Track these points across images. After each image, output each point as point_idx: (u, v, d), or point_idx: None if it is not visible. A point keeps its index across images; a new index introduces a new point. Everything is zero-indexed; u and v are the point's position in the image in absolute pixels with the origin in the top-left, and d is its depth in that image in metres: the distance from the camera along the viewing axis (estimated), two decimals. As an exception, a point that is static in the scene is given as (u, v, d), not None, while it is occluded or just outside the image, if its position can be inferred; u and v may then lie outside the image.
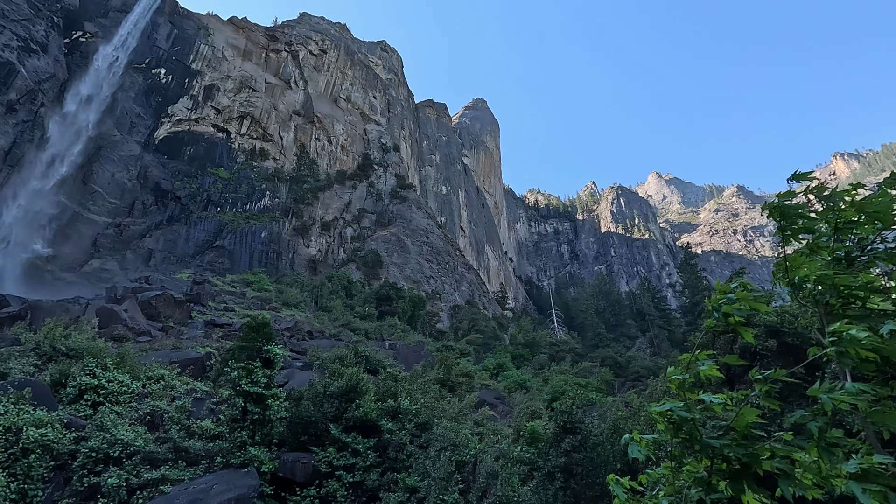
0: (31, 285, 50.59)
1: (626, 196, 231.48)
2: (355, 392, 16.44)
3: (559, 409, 12.52)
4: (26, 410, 12.90)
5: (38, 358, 18.87)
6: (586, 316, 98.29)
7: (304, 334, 39.76)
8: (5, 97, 57.69)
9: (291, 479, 14.19)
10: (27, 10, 62.83)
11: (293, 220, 79.44)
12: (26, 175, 58.39)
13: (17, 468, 11.44)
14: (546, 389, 33.79)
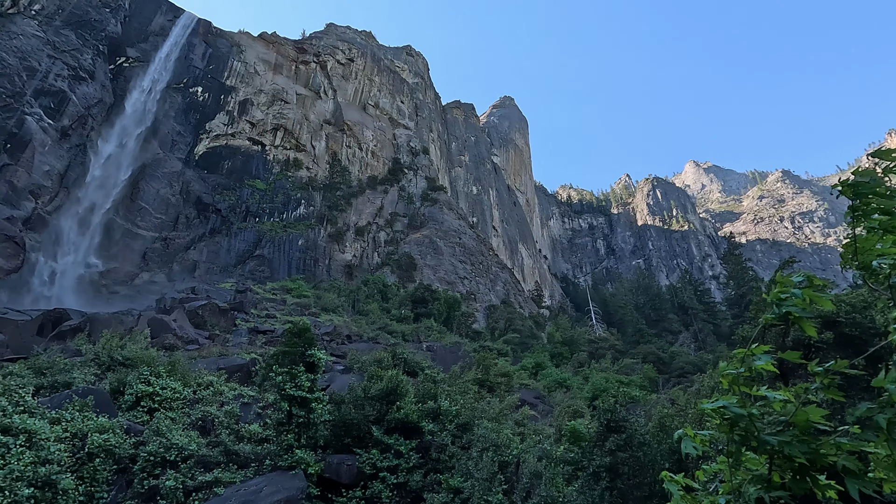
0: (89, 299, 53.60)
1: (663, 187, 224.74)
2: (395, 394, 16.61)
3: (602, 407, 12.28)
4: (90, 417, 13.68)
5: (97, 367, 19.96)
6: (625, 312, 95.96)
7: (342, 338, 40.47)
8: (59, 123, 61.45)
9: (337, 481, 14.47)
10: (75, 41, 66.76)
11: (328, 226, 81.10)
12: (81, 196, 61.97)
13: (84, 472, 12.14)
14: (587, 388, 33.21)
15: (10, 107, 57.12)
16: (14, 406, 12.50)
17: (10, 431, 11.31)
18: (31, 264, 52.97)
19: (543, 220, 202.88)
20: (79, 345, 23.31)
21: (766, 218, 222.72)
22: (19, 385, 13.82)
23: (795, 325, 1.99)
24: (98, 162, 65.00)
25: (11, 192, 54.79)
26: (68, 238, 59.46)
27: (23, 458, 10.64)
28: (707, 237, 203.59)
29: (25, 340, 28.16)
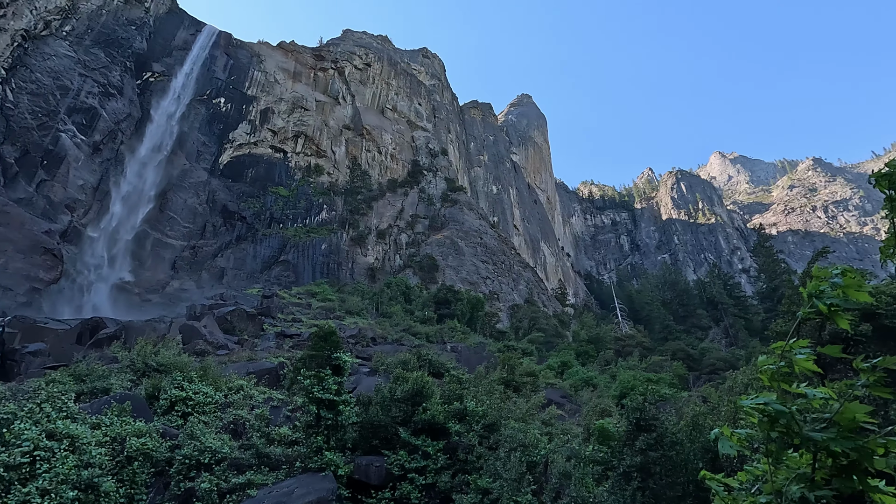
0: (123, 307, 55.40)
1: (687, 180, 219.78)
2: (421, 395, 16.67)
3: (630, 406, 12.08)
4: (128, 422, 14.13)
5: (133, 374, 20.62)
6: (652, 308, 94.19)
7: (367, 341, 40.85)
8: (91, 139, 63.76)
9: (366, 482, 14.61)
10: (104, 59, 69.19)
11: (350, 230, 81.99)
12: (113, 208, 64.16)
13: (124, 474, 12.55)
14: (614, 386, 32.70)
15: (45, 125, 59.54)
16: (57, 412, 13.02)
17: (55, 436, 11.77)
18: (69, 275, 55.04)
19: (565, 217, 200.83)
20: (115, 352, 24.11)
21: (798, 208, 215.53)
22: (61, 391, 14.38)
23: (831, 319, 1.92)
24: (128, 175, 67.18)
25: (49, 207, 57.09)
26: (103, 249, 61.60)
27: (67, 461, 11.07)
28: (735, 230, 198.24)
29: (66, 348, 29.30)
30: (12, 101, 57.62)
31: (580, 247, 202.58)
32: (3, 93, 56.82)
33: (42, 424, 11.95)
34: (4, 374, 26.65)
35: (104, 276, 60.45)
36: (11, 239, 49.47)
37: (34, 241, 51.42)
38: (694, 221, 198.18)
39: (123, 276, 62.12)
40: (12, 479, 10.28)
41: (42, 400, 13.34)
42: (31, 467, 10.66)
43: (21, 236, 50.48)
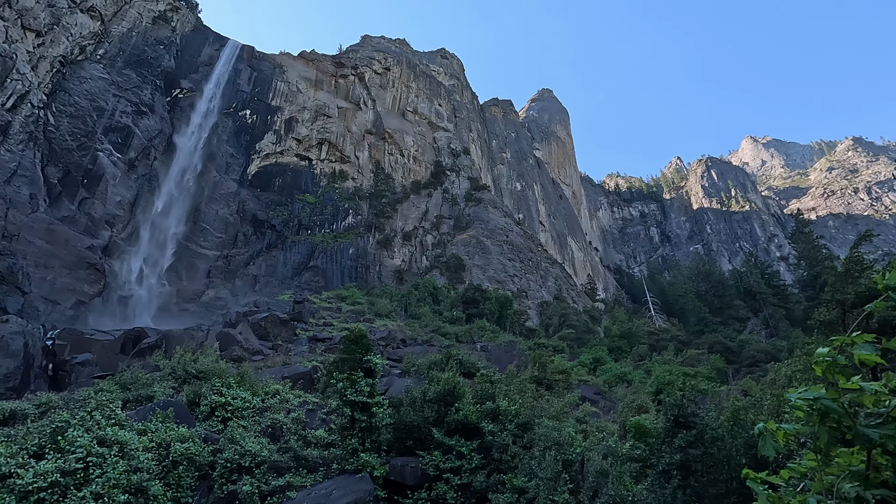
0: (163, 317, 57.45)
1: (718, 167, 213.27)
2: (453, 396, 16.68)
3: (668, 402, 11.79)
4: (171, 428, 14.65)
5: (174, 381, 21.33)
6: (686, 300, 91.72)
7: (397, 342, 41.16)
8: (126, 156, 66.40)
9: (402, 483, 14.71)
10: (136, 79, 71.95)
11: (376, 234, 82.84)
12: (150, 222, 66.64)
13: (170, 478, 13.02)
14: (649, 382, 32.04)
15: (84, 145, 62.32)
16: (106, 419, 13.61)
17: (105, 443, 12.31)
18: (111, 288, 57.44)
19: (592, 211, 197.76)
20: (157, 360, 24.98)
21: (838, 191, 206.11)
22: (109, 400, 15.02)
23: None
24: (163, 189, 69.67)
25: (90, 223, 59.71)
26: (141, 262, 64.04)
27: (117, 466, 11.56)
28: (772, 216, 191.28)
29: (111, 358, 30.59)
30: (53, 124, 60.52)
31: (608, 240, 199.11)
32: (45, 117, 59.74)
33: (93, 431, 12.52)
34: (57, 384, 28.02)
35: (144, 288, 62.83)
36: (58, 255, 51.98)
37: (78, 256, 53.88)
38: (727, 210, 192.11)
39: (162, 287, 64.43)
40: (68, 484, 10.80)
41: (92, 408, 13.97)
42: (84, 473, 11.17)
43: (66, 253, 52.99)
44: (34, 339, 30.08)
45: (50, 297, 49.22)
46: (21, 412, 16.48)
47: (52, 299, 49.37)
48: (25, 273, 46.73)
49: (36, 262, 49.40)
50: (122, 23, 74.67)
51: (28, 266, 47.82)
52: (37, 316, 44.28)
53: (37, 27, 62.15)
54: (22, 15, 60.74)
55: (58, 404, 17.11)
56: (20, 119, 56.71)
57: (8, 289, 43.90)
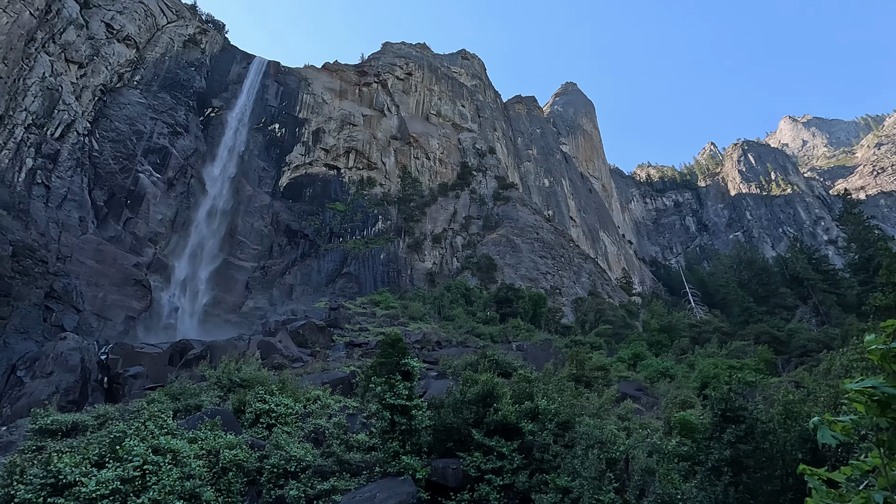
0: (206, 328, 59.57)
1: (755, 150, 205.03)
2: (491, 396, 16.63)
3: (715, 396, 11.41)
4: (220, 435, 15.17)
5: (220, 390, 22.07)
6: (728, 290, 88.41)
7: (432, 345, 41.35)
8: (165, 176, 69.29)
9: (444, 485, 14.76)
10: (170, 101, 75.05)
11: (406, 238, 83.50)
12: (190, 237, 69.31)
13: (221, 484, 13.49)
14: (693, 376, 31.06)
15: (126, 168, 65.41)
16: (159, 429, 14.23)
17: (159, 451, 12.87)
18: (157, 303, 59.98)
19: (623, 203, 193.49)
20: (202, 370, 25.91)
21: (889, 167, 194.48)
22: (161, 410, 15.70)
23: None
24: (200, 206, 72.35)
25: (135, 242, 62.57)
26: (183, 276, 66.63)
27: (172, 474, 12.07)
28: (816, 198, 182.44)
29: (160, 370, 31.94)
30: (98, 149, 63.78)
31: (642, 232, 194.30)
32: (90, 143, 63.04)
33: (148, 441, 13.10)
34: (112, 396, 29.47)
35: (187, 301, 65.34)
36: (107, 274, 54.69)
37: (126, 274, 56.54)
38: (767, 194, 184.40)
39: (204, 300, 66.84)
40: (128, 492, 11.35)
41: (146, 418, 14.62)
42: (142, 480, 11.71)
43: (115, 271, 55.69)
44: (90, 355, 31.72)
45: (101, 314, 51.82)
46: (82, 423, 17.41)
47: (104, 316, 51.97)
48: (79, 292, 49.36)
49: (88, 280, 52.12)
50: (155, 49, 78.07)
51: (81, 285, 50.50)
52: (91, 332, 46.68)
53: (78, 59, 65.70)
54: (65, 49, 64.33)
55: (114, 415, 18.00)
56: (68, 147, 60.04)
57: (64, 307, 46.46)
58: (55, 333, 38.85)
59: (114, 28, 72.11)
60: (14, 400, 27.85)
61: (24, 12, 58.00)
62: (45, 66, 60.91)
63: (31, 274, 43.52)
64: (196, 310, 65.06)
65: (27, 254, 43.82)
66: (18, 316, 40.74)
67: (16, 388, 29.33)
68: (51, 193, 56.02)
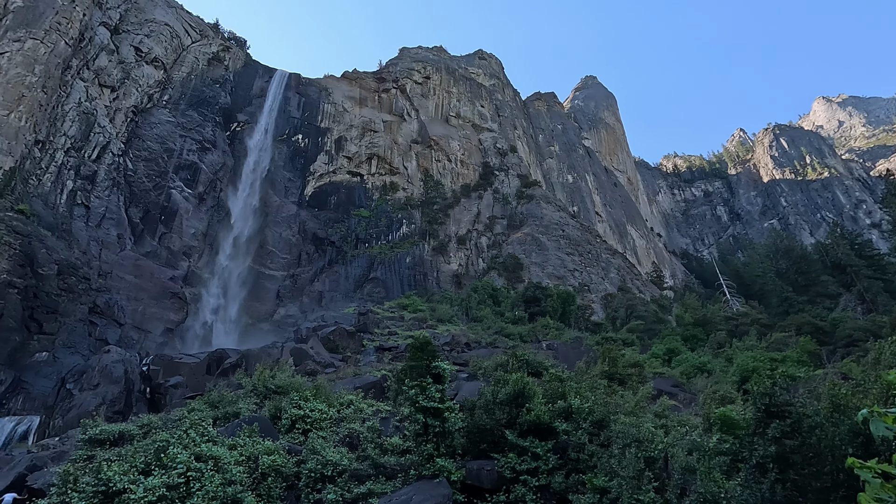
0: (240, 337, 61.12)
1: (788, 134, 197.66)
2: (523, 396, 16.51)
3: (756, 390, 11.02)
4: (258, 441, 15.53)
5: (256, 397, 22.60)
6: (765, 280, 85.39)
7: (461, 346, 41.34)
8: (196, 190, 71.47)
9: (479, 486, 14.71)
10: (198, 118, 77.45)
11: (431, 241, 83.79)
12: (221, 249, 71.27)
13: (261, 489, 13.80)
14: (732, 370, 30.14)
15: (158, 185, 67.78)
16: (201, 436, 14.67)
17: (202, 458, 13.27)
18: (193, 314, 61.86)
19: (650, 196, 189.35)
20: (239, 379, 26.57)
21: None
22: (201, 418, 16.17)
23: None
24: (230, 218, 74.33)
25: (170, 256, 64.73)
26: (217, 287, 68.54)
27: (214, 480, 12.43)
28: (856, 180, 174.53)
29: (198, 379, 32.91)
30: (132, 169, 66.33)
31: (671, 225, 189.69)
32: (124, 163, 65.62)
33: (190, 448, 13.53)
34: (154, 405, 30.53)
35: (221, 311, 67.16)
36: (146, 288, 56.73)
37: (163, 287, 58.53)
38: (802, 179, 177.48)
39: (237, 309, 68.58)
40: (174, 498, 11.74)
41: (187, 427, 15.09)
42: (186, 486, 12.10)
43: (152, 285, 57.72)
44: (132, 366, 32.97)
45: (141, 327, 53.77)
46: (128, 433, 18.10)
47: (144, 328, 53.90)
48: (120, 306, 51.36)
49: (127, 295, 54.18)
50: (181, 68, 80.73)
51: (121, 300, 52.54)
52: (132, 344, 48.50)
53: (111, 83, 68.52)
54: (98, 74, 67.20)
55: (157, 424, 18.64)
56: (104, 167, 62.65)
57: (107, 322, 48.42)
58: (99, 347, 40.54)
59: (142, 51, 74.93)
60: (65, 411, 29.19)
61: (60, 42, 60.85)
62: (81, 91, 63.74)
63: (76, 291, 45.52)
64: (230, 319, 66.81)
65: (71, 272, 45.86)
66: (66, 331, 42.66)
67: (66, 401, 30.73)
68: (90, 213, 58.52)
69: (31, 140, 55.49)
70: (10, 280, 39.19)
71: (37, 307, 40.93)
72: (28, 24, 59.03)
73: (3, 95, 53.90)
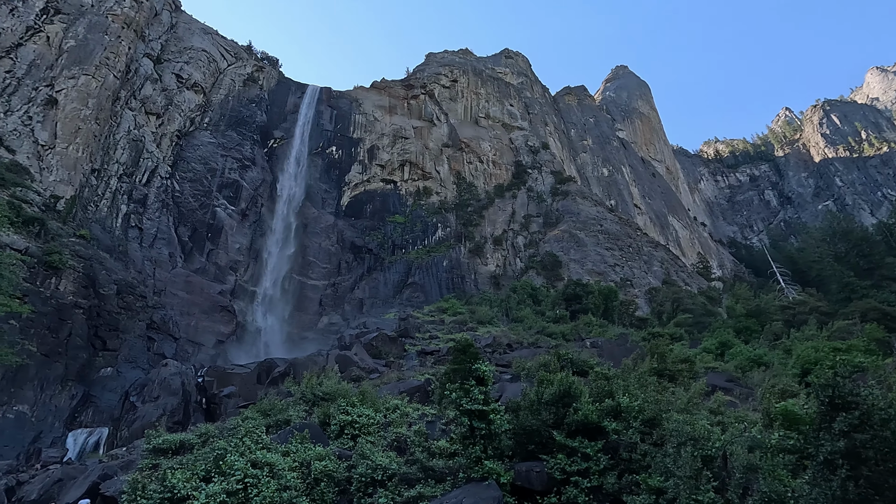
0: (287, 347, 62.93)
1: (839, 109, 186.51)
2: (569, 396, 16.24)
3: (820, 382, 10.42)
4: (309, 447, 15.95)
5: (305, 404, 23.20)
6: (823, 266, 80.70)
7: (503, 348, 41.07)
8: (238, 207, 74.34)
9: (529, 488, 14.55)
10: (237, 138, 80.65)
11: (467, 243, 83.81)
12: (265, 263, 73.77)
13: (315, 494, 14.15)
14: (791, 362, 28.54)
15: (204, 204, 70.91)
16: (255, 444, 15.21)
17: (258, 465, 13.76)
18: (242, 326, 64.23)
19: (692, 184, 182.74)
20: (288, 387, 27.37)
21: None
22: (255, 426, 16.78)
23: None
24: (271, 231, 76.90)
25: (218, 271, 67.51)
26: (263, 299, 70.95)
27: (270, 485, 12.86)
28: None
29: (250, 388, 34.11)
30: (179, 190, 69.71)
31: (716, 213, 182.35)
32: (171, 185, 69.07)
33: (246, 455, 14.05)
34: (210, 415, 31.86)
35: (268, 322, 69.43)
36: (197, 303, 59.38)
37: (213, 302, 61.09)
38: (859, 156, 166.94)
39: (282, 319, 70.72)
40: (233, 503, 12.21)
41: (242, 435, 15.68)
42: (244, 492, 12.57)
43: (203, 299, 60.36)
44: (188, 378, 34.55)
45: (195, 340, 56.26)
46: (188, 442, 18.97)
47: (197, 341, 56.38)
48: (174, 321, 53.95)
49: (181, 310, 56.86)
50: (219, 91, 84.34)
51: (175, 315, 55.18)
52: (187, 357, 50.81)
53: (156, 110, 72.39)
54: (144, 103, 71.16)
55: (214, 433, 19.45)
56: (154, 190, 66.16)
57: (163, 336, 50.95)
58: (158, 361, 42.70)
59: (183, 77, 78.78)
60: (130, 423, 30.92)
61: (109, 75, 64.82)
62: (130, 120, 67.64)
63: (134, 308, 48.17)
64: (276, 329, 68.94)
65: (129, 291, 48.59)
66: (127, 347, 45.18)
67: (130, 413, 32.54)
68: (143, 234, 61.88)
69: (88, 169, 59.30)
70: (76, 301, 41.91)
71: (100, 325, 43.55)
72: (80, 62, 63.20)
73: (62, 129, 57.89)
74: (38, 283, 39.73)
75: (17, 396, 34.39)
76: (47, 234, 45.08)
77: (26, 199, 48.25)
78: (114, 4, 71.22)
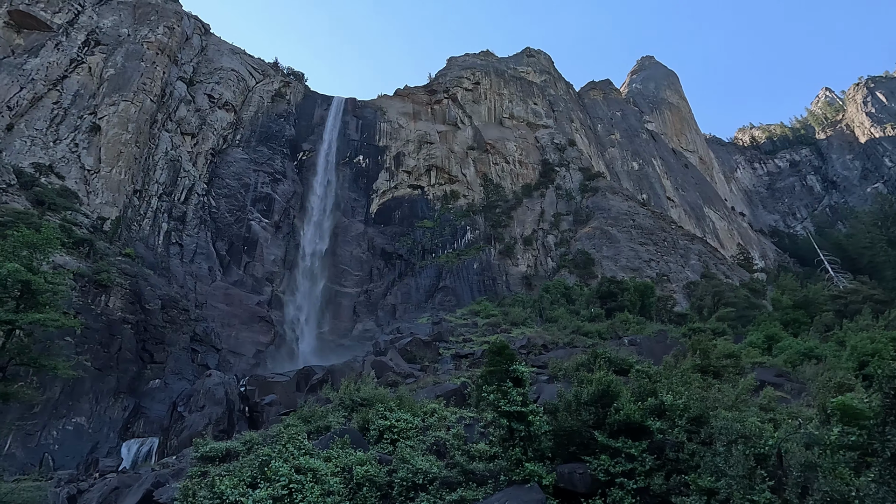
0: (324, 354, 64.00)
1: (885, 86, 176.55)
2: (609, 396, 15.88)
3: (882, 374, 9.83)
4: (350, 453, 16.12)
5: (344, 410, 23.51)
6: (875, 252, 76.50)
7: (538, 348, 40.54)
8: (272, 220, 76.35)
9: (573, 490, 14.26)
10: (268, 153, 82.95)
11: (496, 244, 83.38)
12: (299, 273, 75.41)
13: (357, 499, 14.28)
14: (846, 354, 27.10)
15: (239, 218, 73.15)
16: (298, 450, 15.49)
17: (301, 471, 14.00)
18: (280, 335, 65.74)
19: (727, 173, 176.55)
20: (326, 393, 27.81)
21: None
22: (297, 433, 17.09)
23: None
24: (304, 243, 78.61)
25: (255, 283, 69.42)
26: (298, 308, 72.49)
27: (314, 490, 13.05)
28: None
29: (290, 396, 34.82)
30: (215, 206, 72.16)
31: (755, 202, 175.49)
32: (208, 202, 71.58)
33: (290, 462, 14.31)
34: (253, 423, 32.66)
35: (305, 331, 70.86)
36: (237, 314, 61.17)
37: (251, 312, 62.80)
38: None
39: (318, 327, 72.05)
40: (279, 509, 12.44)
41: (285, 441, 15.99)
42: (290, 498, 12.80)
43: (242, 311, 62.13)
44: (231, 388, 35.55)
45: (235, 350, 57.93)
46: (234, 450, 19.48)
47: (237, 352, 58.04)
48: (216, 333, 55.74)
49: (221, 322, 58.70)
50: (249, 108, 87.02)
51: (216, 327, 57.00)
52: (229, 367, 52.36)
53: (191, 131, 75.29)
54: (179, 124, 74.14)
55: (258, 440, 19.91)
56: (192, 208, 68.71)
57: (206, 348, 52.70)
58: (202, 372, 44.17)
59: (214, 97, 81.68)
60: (178, 432, 32.03)
61: (146, 100, 67.85)
62: (167, 141, 70.57)
63: (178, 322, 50.03)
64: (313, 337, 70.28)
65: (172, 305, 50.52)
66: (173, 359, 46.94)
67: (178, 423, 33.72)
68: (184, 250, 64.28)
69: (131, 190, 62.13)
70: (125, 317, 43.88)
71: (147, 339, 45.43)
72: (119, 89, 66.42)
73: (105, 154, 60.91)
74: (90, 301, 41.78)
75: (74, 409, 36.23)
76: (96, 253, 47.43)
77: (76, 222, 50.96)
78: (148, 32, 74.61)
